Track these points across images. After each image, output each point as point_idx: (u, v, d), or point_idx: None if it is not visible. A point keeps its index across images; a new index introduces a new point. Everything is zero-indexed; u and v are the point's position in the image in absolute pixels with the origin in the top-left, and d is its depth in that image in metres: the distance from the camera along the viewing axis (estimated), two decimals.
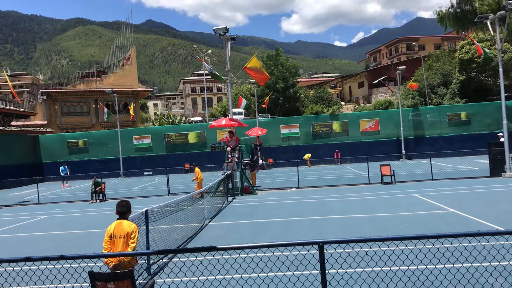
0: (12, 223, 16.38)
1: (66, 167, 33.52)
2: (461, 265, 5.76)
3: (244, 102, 42.51)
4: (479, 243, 7.53)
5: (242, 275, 6.61)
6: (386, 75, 64.27)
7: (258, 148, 36.87)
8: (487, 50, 25.38)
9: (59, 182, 34.68)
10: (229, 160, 21.36)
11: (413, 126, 38.79)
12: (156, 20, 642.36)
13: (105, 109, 40.05)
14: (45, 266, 5.09)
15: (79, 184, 33.06)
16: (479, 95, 46.50)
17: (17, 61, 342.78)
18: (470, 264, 5.87)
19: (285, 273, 6.32)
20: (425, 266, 5.68)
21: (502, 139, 26.82)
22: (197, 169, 20.71)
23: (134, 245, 5.62)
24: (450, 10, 48.65)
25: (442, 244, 4.97)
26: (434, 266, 5.79)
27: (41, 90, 66.64)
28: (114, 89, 43.99)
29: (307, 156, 36.24)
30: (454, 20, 48.08)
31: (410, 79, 47.83)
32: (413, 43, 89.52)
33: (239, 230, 12.28)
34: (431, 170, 21.79)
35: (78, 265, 5.67)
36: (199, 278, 6.27)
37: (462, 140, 37.16)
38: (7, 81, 26.49)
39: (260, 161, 35.92)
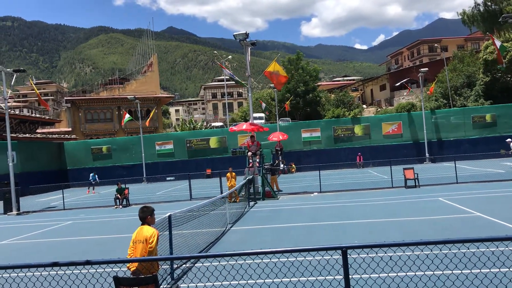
0: (39, 229, 16.71)
1: (96, 176, 33.69)
2: (488, 270, 5.64)
3: (263, 105, 42.55)
4: (506, 248, 7.36)
5: (265, 280, 6.60)
6: (408, 77, 63.55)
7: (279, 152, 36.83)
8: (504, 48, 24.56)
9: (84, 188, 35.21)
10: (250, 165, 21.37)
11: (437, 129, 38.19)
12: (177, 27, 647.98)
13: (127, 116, 40.40)
14: (71, 271, 5.18)
15: (103, 190, 33.52)
16: (505, 96, 45.53)
17: (42, 70, 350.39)
18: (498, 270, 5.75)
19: (308, 278, 6.30)
20: (450, 271, 5.59)
21: None
22: (231, 174, 20.99)
23: (151, 250, 5.66)
24: (474, 10, 47.82)
25: (468, 249, 4.89)
26: (460, 271, 5.68)
27: (65, 98, 67.99)
28: (136, 96, 44.58)
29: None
30: (479, 20, 47.23)
31: (433, 81, 47.17)
32: (436, 45, 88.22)
33: (261, 235, 12.28)
34: (456, 173, 21.39)
35: (103, 270, 5.76)
36: (222, 283, 6.29)
37: (488, 142, 36.40)
38: (33, 89, 26.98)
39: (282, 165, 35.85)
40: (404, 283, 5.55)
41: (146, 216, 5.99)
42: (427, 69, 38.99)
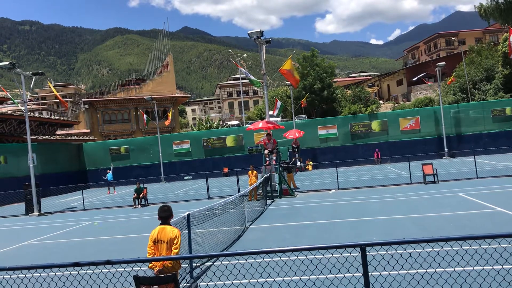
0: (60, 229, 16.96)
1: (110, 173, 34.04)
2: (510, 266, 5.57)
3: (279, 103, 42.48)
4: None
5: (284, 278, 6.61)
6: (425, 72, 62.82)
7: (296, 150, 36.76)
8: None
9: (103, 188, 35.62)
10: (267, 163, 21.37)
11: (455, 123, 37.66)
12: (192, 26, 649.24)
13: (145, 116, 41.03)
14: (92, 271, 5.26)
15: (122, 190, 33.86)
16: None
17: (60, 72, 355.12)
18: None
19: (327, 276, 6.28)
20: (472, 268, 5.52)
21: None
22: (252, 172, 21.08)
23: (177, 250, 5.71)
24: (492, 2, 46.90)
25: (490, 245, 4.82)
26: (481, 267, 5.62)
27: (83, 100, 68.93)
28: (153, 96, 44.92)
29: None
30: (497, 13, 46.29)
31: (451, 76, 46.52)
32: (453, 38, 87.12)
33: (280, 233, 12.28)
34: (476, 168, 21.08)
35: (123, 269, 5.82)
36: (241, 281, 6.31)
37: (508, 136, 35.78)
38: (52, 91, 27.52)
39: (298, 163, 35.77)
40: (424, 280, 5.50)
41: (168, 216, 6.03)
42: (444, 63, 38.46)
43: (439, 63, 37.57)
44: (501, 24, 49.75)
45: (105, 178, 33.93)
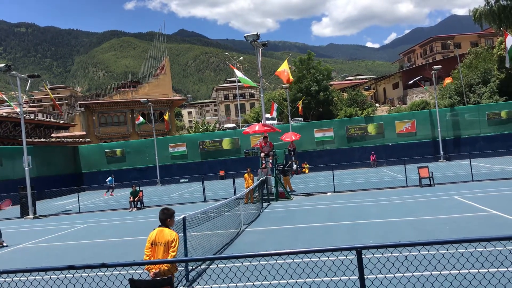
0: (55, 232, 16.88)
1: (113, 178, 34.02)
2: (506, 269, 5.57)
3: (275, 106, 42.49)
4: None
5: (280, 282, 6.60)
6: (421, 75, 63.03)
7: (292, 153, 36.77)
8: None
9: (99, 191, 35.51)
10: (263, 165, 21.36)
11: (451, 127, 37.80)
12: (188, 29, 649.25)
13: (140, 118, 40.84)
14: (87, 274, 5.23)
15: (118, 193, 33.75)
16: None
17: (56, 75, 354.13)
18: None
19: (323, 279, 6.27)
20: (467, 271, 5.53)
21: None
22: (248, 175, 20.97)
23: (174, 253, 5.69)
24: (486, 6, 47.08)
25: (485, 248, 4.83)
26: (477, 270, 5.62)
27: (79, 102, 68.77)
28: (149, 99, 44.88)
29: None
30: (491, 17, 46.47)
31: (446, 79, 46.67)
32: (448, 42, 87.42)
33: (276, 236, 12.26)
34: (471, 171, 21.17)
35: (119, 272, 5.80)
36: (237, 284, 6.30)
37: (504, 139, 35.93)
38: (48, 94, 27.61)
39: (295, 166, 35.77)
40: (420, 283, 5.50)
41: (167, 218, 6.02)
42: (440, 66, 38.65)
43: (434, 67, 37.74)
44: (496, 28, 49.93)
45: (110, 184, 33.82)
